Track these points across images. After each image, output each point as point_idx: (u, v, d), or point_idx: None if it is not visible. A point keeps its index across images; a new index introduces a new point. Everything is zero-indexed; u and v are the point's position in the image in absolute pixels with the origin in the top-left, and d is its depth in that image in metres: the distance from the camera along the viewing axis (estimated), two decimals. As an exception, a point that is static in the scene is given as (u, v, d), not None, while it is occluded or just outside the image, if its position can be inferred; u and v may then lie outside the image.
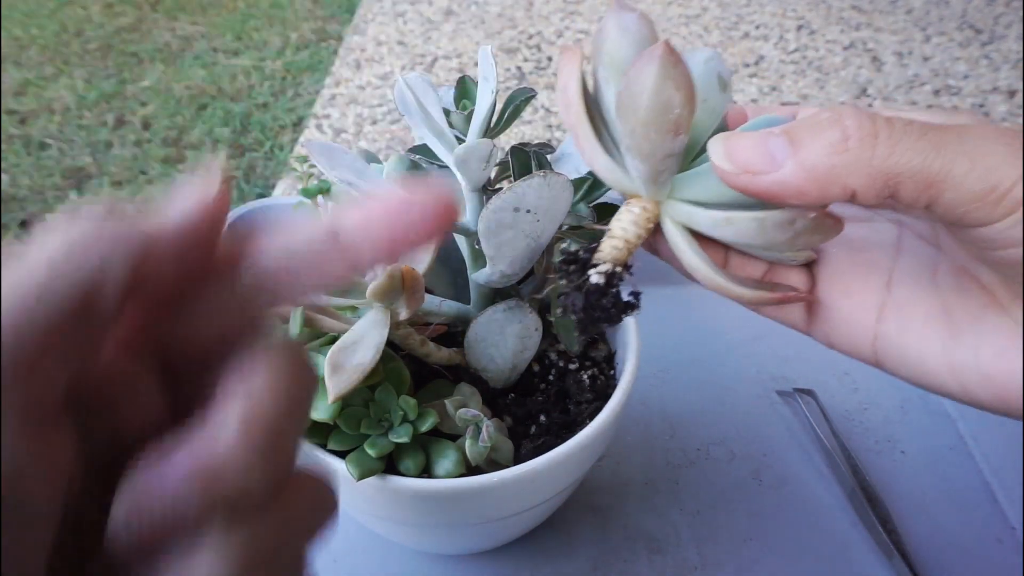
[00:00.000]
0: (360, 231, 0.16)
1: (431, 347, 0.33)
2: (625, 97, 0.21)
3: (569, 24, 1.11)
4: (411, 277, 0.27)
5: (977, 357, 0.21)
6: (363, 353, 0.28)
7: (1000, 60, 0.99)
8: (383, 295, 0.27)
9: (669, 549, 0.42)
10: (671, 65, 0.19)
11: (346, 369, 0.27)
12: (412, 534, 0.36)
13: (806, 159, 0.19)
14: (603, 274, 0.23)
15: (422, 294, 0.28)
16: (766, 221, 0.21)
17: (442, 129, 0.29)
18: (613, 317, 0.24)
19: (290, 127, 0.98)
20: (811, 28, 1.09)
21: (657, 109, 0.20)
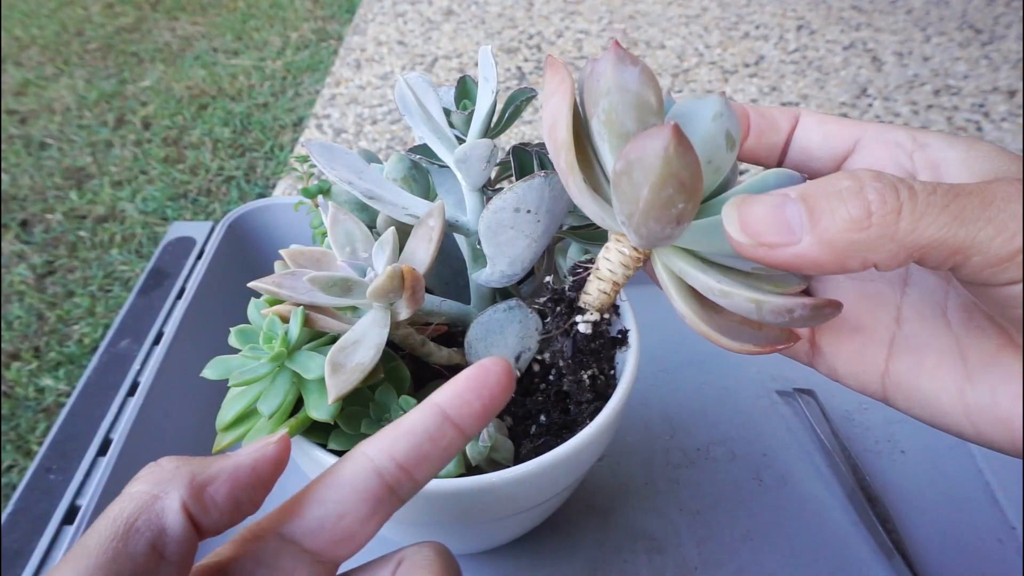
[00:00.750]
0: (460, 406, 0.22)
1: (431, 347, 0.33)
2: (624, 182, 0.19)
3: (569, 24, 1.11)
4: (411, 276, 0.27)
5: (994, 401, 0.21)
6: (363, 353, 0.27)
7: (1000, 60, 0.99)
8: (383, 295, 0.27)
9: (669, 549, 0.42)
10: (678, 159, 0.18)
11: (347, 369, 0.27)
12: (412, 534, 0.36)
13: (825, 234, 0.18)
14: (590, 323, 0.23)
15: (422, 294, 0.28)
16: (764, 306, 0.20)
17: (443, 129, 0.29)
18: (603, 359, 0.24)
19: (290, 127, 0.98)
20: (811, 28, 1.09)
21: (659, 204, 0.19)
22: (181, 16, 1.28)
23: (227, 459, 0.21)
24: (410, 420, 0.22)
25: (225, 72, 1.10)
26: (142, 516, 0.18)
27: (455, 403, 0.22)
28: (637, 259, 0.23)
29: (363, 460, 0.22)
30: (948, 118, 0.87)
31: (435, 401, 0.22)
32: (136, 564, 0.18)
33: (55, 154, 0.94)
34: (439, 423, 0.22)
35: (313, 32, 1.20)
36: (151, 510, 0.19)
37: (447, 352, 0.33)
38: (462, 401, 0.22)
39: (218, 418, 0.30)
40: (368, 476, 0.22)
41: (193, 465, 0.20)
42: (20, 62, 1.15)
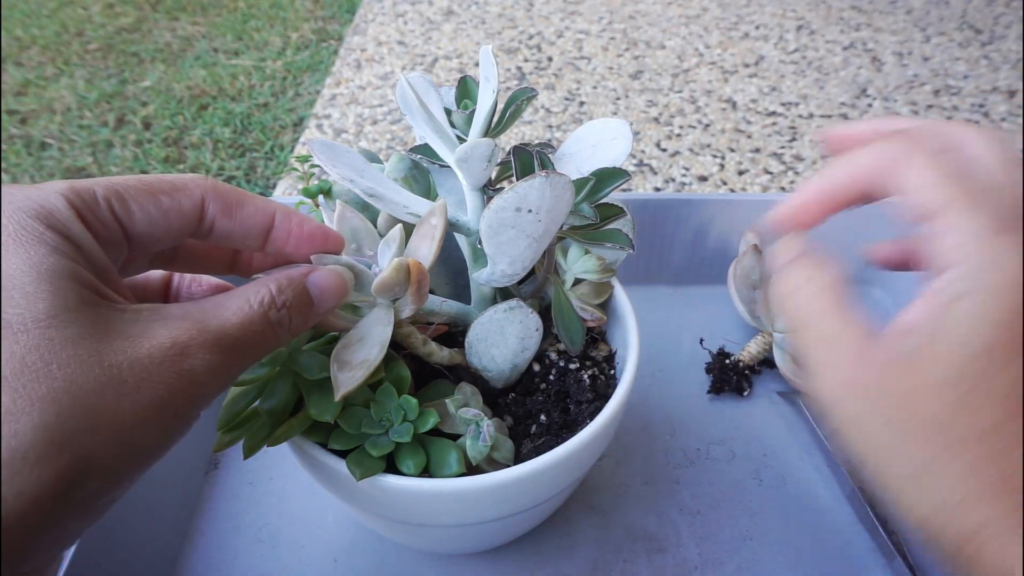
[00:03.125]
0: (283, 238, 0.26)
1: (433, 347, 0.33)
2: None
3: (569, 24, 1.11)
4: (417, 270, 0.27)
5: None
6: (368, 350, 0.27)
7: (1000, 60, 0.99)
8: (388, 288, 0.27)
9: (669, 549, 0.42)
10: None
11: (352, 366, 0.27)
12: (412, 534, 0.36)
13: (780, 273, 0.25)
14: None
15: (427, 290, 0.28)
16: None
17: (444, 129, 0.29)
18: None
19: (291, 127, 0.98)
20: (811, 28, 1.09)
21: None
22: (181, 16, 1.28)
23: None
24: (247, 211, 0.25)
25: (225, 72, 1.10)
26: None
27: (280, 237, 0.26)
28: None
29: (200, 204, 0.24)
30: (948, 118, 0.87)
31: (273, 218, 0.26)
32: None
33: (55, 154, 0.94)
34: (261, 237, 0.26)
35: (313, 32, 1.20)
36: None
37: (448, 352, 0.33)
38: (285, 240, 0.26)
39: (219, 418, 0.30)
40: (198, 220, 0.25)
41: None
42: (20, 62, 1.15)
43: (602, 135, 0.33)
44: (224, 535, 0.43)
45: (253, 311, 0.22)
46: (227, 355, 0.21)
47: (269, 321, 0.23)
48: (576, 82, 0.96)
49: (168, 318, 0.20)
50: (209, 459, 0.47)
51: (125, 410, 0.18)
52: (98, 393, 0.18)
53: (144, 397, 0.19)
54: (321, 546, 0.42)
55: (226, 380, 0.21)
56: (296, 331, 0.24)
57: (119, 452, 0.18)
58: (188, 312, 0.21)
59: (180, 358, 0.19)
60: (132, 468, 0.19)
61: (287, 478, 0.45)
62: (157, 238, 0.24)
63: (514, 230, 0.27)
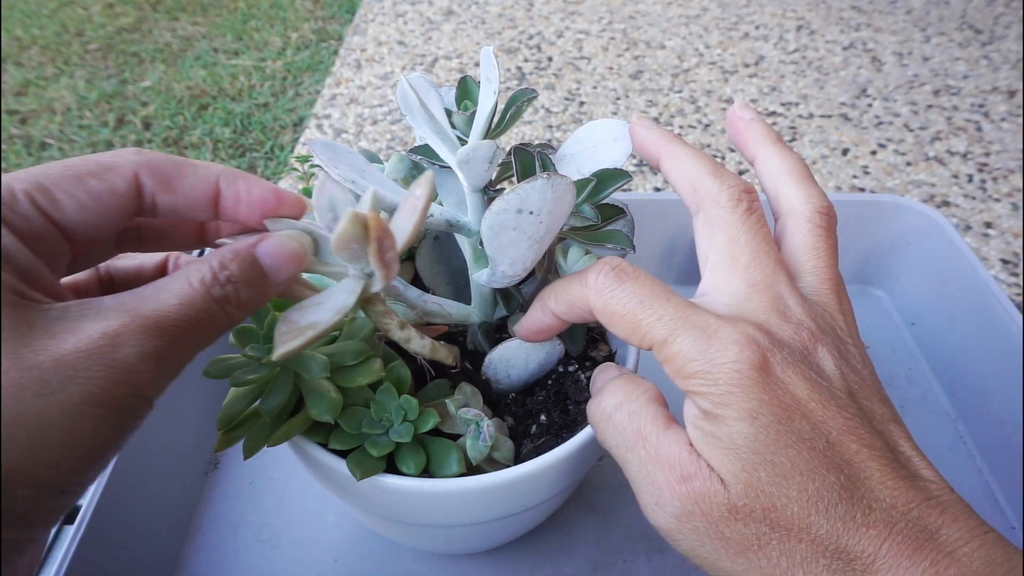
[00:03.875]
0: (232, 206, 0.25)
1: (411, 332, 0.30)
2: None
3: (569, 24, 1.11)
4: (377, 225, 0.23)
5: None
6: (322, 314, 0.25)
7: (1000, 60, 0.99)
8: (345, 245, 0.24)
9: (669, 549, 0.42)
10: None
11: (298, 327, 0.24)
12: (412, 534, 0.36)
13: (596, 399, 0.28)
14: None
15: (393, 255, 0.25)
16: None
17: (445, 130, 0.29)
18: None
19: (291, 127, 0.98)
20: (811, 28, 1.09)
21: None
22: (181, 16, 1.28)
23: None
24: (189, 181, 0.24)
25: (225, 72, 1.10)
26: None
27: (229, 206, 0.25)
28: None
29: (134, 180, 0.23)
30: (948, 118, 0.87)
31: (217, 186, 0.25)
32: None
33: (56, 154, 0.94)
34: (208, 204, 0.25)
35: (313, 32, 1.20)
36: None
37: (429, 342, 0.31)
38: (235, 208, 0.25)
39: (218, 418, 0.30)
40: (134, 197, 0.24)
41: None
42: (20, 62, 1.15)
43: (603, 135, 0.33)
44: (224, 535, 0.43)
45: (194, 290, 0.21)
46: (166, 339, 0.20)
47: (213, 298, 0.21)
48: (576, 82, 0.96)
49: (100, 311, 0.19)
50: (209, 459, 0.47)
51: (50, 410, 0.17)
52: (15, 396, 0.17)
53: (73, 394, 0.18)
54: (321, 546, 0.42)
55: (172, 364, 0.20)
56: (250, 306, 0.23)
57: (48, 456, 0.18)
58: (123, 302, 0.20)
59: (111, 348, 0.19)
60: (76, 467, 0.18)
61: (287, 478, 0.45)
62: (95, 224, 0.22)
63: (515, 231, 0.27)
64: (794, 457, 0.22)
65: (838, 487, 0.22)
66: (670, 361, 0.24)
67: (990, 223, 0.71)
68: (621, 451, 0.25)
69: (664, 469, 0.23)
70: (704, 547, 0.22)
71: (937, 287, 0.53)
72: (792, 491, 0.21)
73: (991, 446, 0.47)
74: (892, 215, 0.55)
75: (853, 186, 0.77)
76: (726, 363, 0.23)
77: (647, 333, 0.24)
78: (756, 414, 0.22)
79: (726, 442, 0.22)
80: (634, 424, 0.25)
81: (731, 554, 0.22)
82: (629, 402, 0.25)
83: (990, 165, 0.79)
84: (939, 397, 0.51)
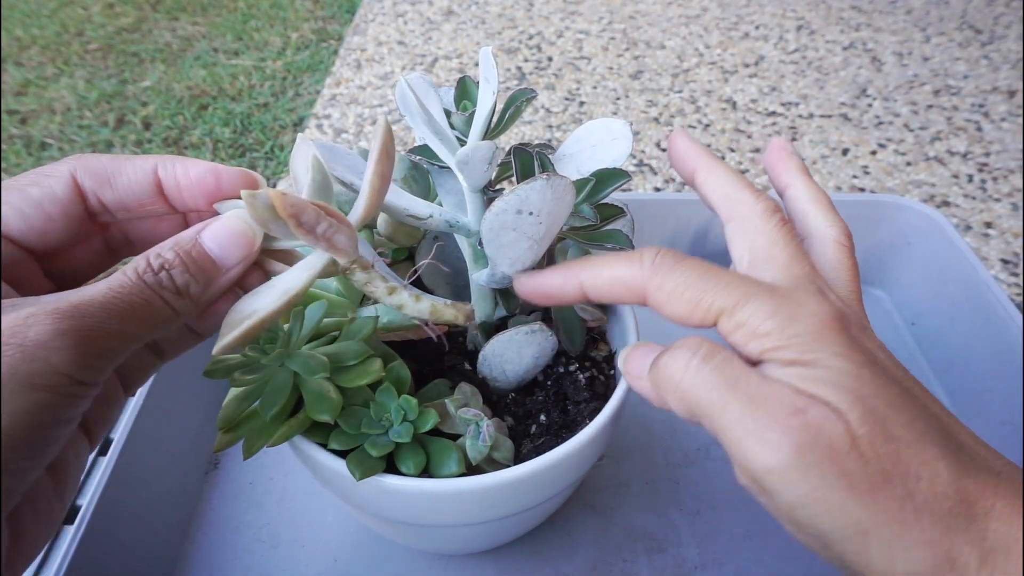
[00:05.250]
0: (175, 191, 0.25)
1: (404, 296, 0.27)
2: None
3: (569, 24, 1.11)
4: (285, 203, 0.22)
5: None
6: (264, 299, 0.24)
7: (1000, 60, 0.99)
8: (264, 225, 0.23)
9: (669, 549, 0.42)
10: None
11: (241, 316, 0.24)
12: (412, 534, 0.36)
13: (661, 369, 0.24)
14: None
15: (333, 227, 0.24)
16: None
17: (444, 130, 0.29)
18: None
19: (290, 127, 0.98)
20: (811, 28, 1.09)
21: None
22: (181, 16, 1.28)
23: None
24: (127, 176, 0.25)
25: (225, 72, 1.10)
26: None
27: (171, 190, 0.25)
28: None
29: (71, 183, 0.24)
30: (948, 118, 0.87)
31: (156, 174, 0.25)
32: None
33: (56, 154, 0.94)
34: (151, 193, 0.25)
35: (313, 32, 1.20)
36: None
37: (428, 303, 0.28)
38: (179, 193, 0.25)
39: (218, 418, 0.30)
40: (76, 200, 0.24)
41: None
42: (20, 62, 1.15)
43: (602, 135, 0.33)
44: (224, 535, 0.43)
45: (125, 276, 0.22)
46: (87, 319, 0.20)
47: (146, 284, 0.22)
48: (576, 82, 0.96)
49: (23, 304, 0.20)
50: (209, 459, 0.47)
51: None
52: None
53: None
54: (321, 546, 0.42)
55: (100, 345, 0.20)
56: (193, 291, 0.23)
57: None
58: (53, 296, 0.21)
59: (23, 328, 0.19)
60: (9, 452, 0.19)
61: (287, 478, 0.45)
62: (42, 229, 0.23)
63: (515, 232, 0.27)
64: (897, 396, 0.21)
65: (943, 432, 0.21)
66: (743, 325, 0.23)
67: (990, 223, 0.71)
68: (714, 401, 0.22)
69: (772, 406, 0.21)
70: (822, 488, 0.20)
71: (937, 287, 0.53)
72: (905, 428, 0.21)
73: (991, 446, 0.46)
74: (892, 215, 0.55)
75: (853, 186, 0.77)
76: (807, 315, 0.22)
77: (714, 302, 0.23)
78: (850, 354, 0.22)
79: (828, 378, 0.21)
80: (728, 371, 0.23)
81: (855, 494, 0.20)
82: (717, 352, 0.23)
83: (990, 165, 0.79)
84: (939, 397, 0.51)
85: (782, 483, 0.21)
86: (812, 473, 0.20)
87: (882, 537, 0.20)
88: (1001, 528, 0.20)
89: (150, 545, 0.40)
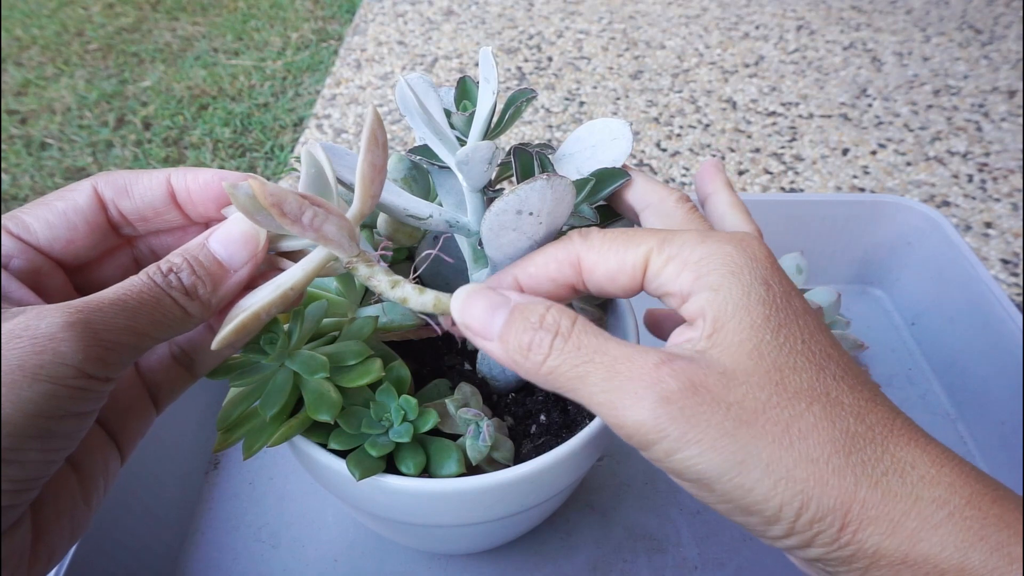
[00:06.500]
0: (186, 197, 0.26)
1: (407, 289, 0.26)
2: None
3: (569, 24, 1.11)
4: (266, 193, 0.22)
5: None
6: (259, 294, 0.24)
7: (1000, 60, 0.99)
8: (251, 217, 0.23)
9: (669, 549, 0.42)
10: None
11: (236, 313, 0.24)
12: (412, 534, 0.36)
13: (505, 345, 0.23)
14: None
15: (319, 218, 0.23)
16: None
17: (444, 130, 0.29)
18: None
19: (290, 127, 0.98)
20: (811, 28, 1.09)
21: None
22: (181, 16, 1.28)
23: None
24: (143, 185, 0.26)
25: (225, 72, 1.10)
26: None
27: (183, 197, 0.26)
28: None
29: (94, 194, 0.25)
30: (948, 118, 0.87)
31: (169, 182, 0.26)
32: None
33: (56, 154, 0.94)
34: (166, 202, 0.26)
35: (313, 32, 1.20)
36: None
37: (432, 296, 0.26)
38: (189, 198, 0.26)
39: (218, 418, 0.30)
40: (98, 210, 0.26)
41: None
42: (20, 62, 1.15)
43: (602, 135, 0.33)
44: (224, 535, 0.43)
45: (136, 278, 0.23)
46: (97, 313, 0.21)
47: (156, 284, 0.23)
48: (576, 82, 0.96)
49: (36, 307, 0.21)
50: (209, 459, 0.47)
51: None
52: None
53: (3, 365, 0.19)
54: (321, 546, 0.42)
55: (110, 338, 0.21)
56: (200, 292, 0.23)
57: None
58: (67, 301, 0.21)
59: (36, 321, 0.20)
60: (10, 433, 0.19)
61: (287, 478, 0.45)
62: (68, 238, 0.25)
63: (515, 232, 0.27)
64: (801, 328, 0.21)
65: (844, 362, 0.22)
66: (673, 257, 0.23)
67: (990, 223, 0.71)
68: (579, 375, 0.22)
69: (635, 365, 0.21)
70: (693, 431, 0.20)
71: (937, 287, 0.53)
72: (800, 357, 0.21)
73: (991, 446, 0.47)
74: (892, 215, 0.55)
75: (853, 186, 0.77)
76: (736, 236, 0.23)
77: (641, 244, 0.24)
78: (769, 282, 0.22)
79: (734, 310, 0.21)
80: (585, 342, 0.22)
81: (725, 431, 0.20)
82: (570, 324, 0.23)
83: (990, 165, 0.79)
84: (939, 397, 0.51)
85: (655, 433, 0.21)
86: (678, 420, 0.20)
87: (760, 460, 0.20)
88: (899, 452, 0.20)
89: (150, 545, 0.40)
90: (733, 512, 0.21)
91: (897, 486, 0.19)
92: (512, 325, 0.23)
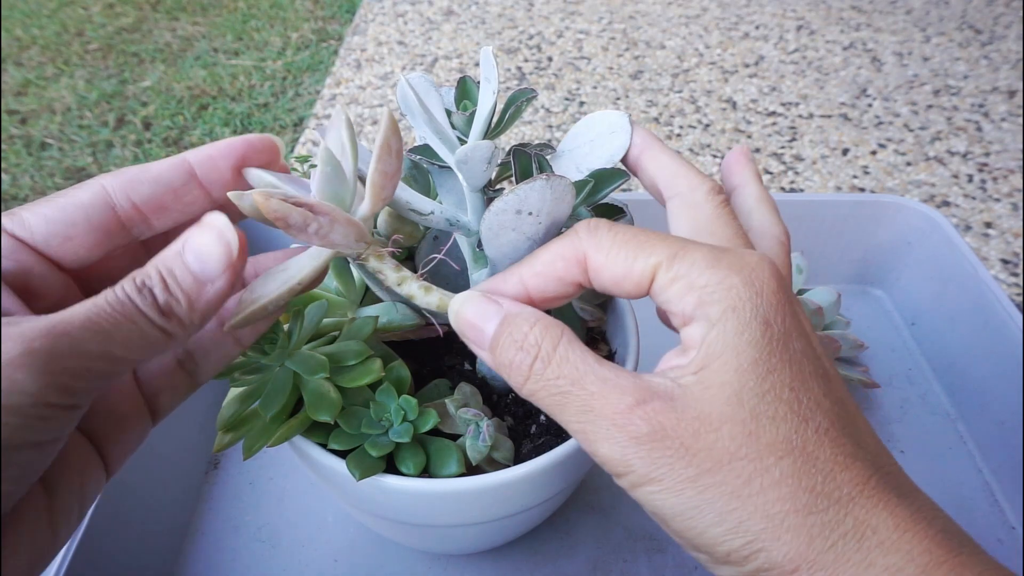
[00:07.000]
0: (209, 168, 0.24)
1: (414, 287, 0.27)
2: None
3: (569, 24, 1.11)
4: (268, 207, 0.22)
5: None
6: (270, 286, 0.24)
7: (1000, 60, 0.99)
8: (259, 219, 0.23)
9: (669, 549, 0.42)
10: None
11: (250, 298, 0.24)
12: (412, 534, 0.36)
13: (496, 356, 0.24)
14: None
15: (322, 223, 0.23)
16: None
17: (445, 130, 0.29)
18: None
19: (290, 127, 0.98)
20: (811, 28, 1.09)
21: None
22: (181, 16, 1.28)
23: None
24: (157, 169, 0.24)
25: (225, 72, 1.10)
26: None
27: (205, 164, 0.24)
28: None
29: (99, 189, 0.24)
30: (948, 118, 0.87)
31: (185, 157, 0.24)
32: None
33: (56, 154, 0.94)
34: (184, 179, 0.24)
35: (313, 32, 1.20)
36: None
37: (437, 295, 0.27)
38: (212, 163, 0.24)
39: (218, 418, 0.30)
40: (102, 207, 0.24)
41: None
42: (20, 62, 1.15)
43: (600, 129, 0.32)
44: (224, 535, 0.43)
45: (109, 295, 0.21)
46: (62, 337, 0.19)
47: (130, 302, 0.21)
48: (576, 82, 0.96)
49: (19, 322, 0.19)
50: (209, 459, 0.47)
51: None
52: None
53: None
54: (321, 546, 0.42)
55: (74, 364, 0.19)
56: (182, 314, 0.22)
57: None
58: (44, 316, 0.20)
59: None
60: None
61: (287, 478, 0.45)
62: (68, 236, 0.23)
63: (514, 232, 0.27)
64: (792, 374, 0.21)
65: (835, 412, 0.21)
66: (680, 277, 0.22)
67: (990, 223, 0.71)
68: (557, 402, 0.23)
69: (611, 400, 0.21)
70: (662, 470, 0.21)
71: (937, 287, 0.53)
72: (783, 406, 0.21)
73: (991, 446, 0.47)
74: (892, 215, 0.55)
75: (853, 186, 0.77)
76: (748, 265, 0.22)
77: (651, 255, 0.23)
78: (770, 321, 0.21)
79: (723, 349, 0.21)
80: (566, 370, 0.22)
81: (697, 473, 0.20)
82: (555, 345, 0.23)
83: (990, 165, 0.79)
84: (939, 397, 0.51)
85: (622, 467, 0.22)
86: (645, 460, 0.21)
87: (715, 509, 0.20)
88: (863, 514, 0.20)
89: (150, 545, 0.40)
90: (686, 546, 0.22)
91: (852, 551, 0.19)
92: (499, 339, 0.24)
